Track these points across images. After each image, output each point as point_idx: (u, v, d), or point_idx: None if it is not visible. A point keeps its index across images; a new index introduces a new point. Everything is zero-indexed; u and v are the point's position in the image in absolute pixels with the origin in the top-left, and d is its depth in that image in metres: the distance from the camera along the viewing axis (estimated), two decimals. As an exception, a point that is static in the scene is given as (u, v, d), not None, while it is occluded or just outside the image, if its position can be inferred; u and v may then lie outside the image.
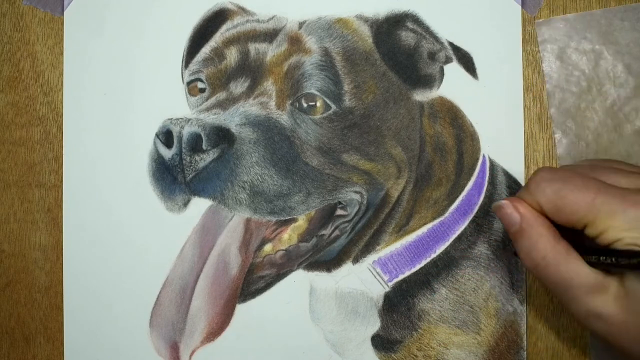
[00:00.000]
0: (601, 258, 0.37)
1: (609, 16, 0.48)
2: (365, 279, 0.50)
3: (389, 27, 0.50)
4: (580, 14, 0.48)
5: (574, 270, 0.38)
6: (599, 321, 0.37)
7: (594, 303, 0.37)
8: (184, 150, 0.46)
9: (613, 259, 0.37)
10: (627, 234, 0.36)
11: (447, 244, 0.50)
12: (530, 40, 0.50)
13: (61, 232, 0.52)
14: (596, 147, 0.48)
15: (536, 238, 0.39)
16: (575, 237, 0.39)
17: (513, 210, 0.40)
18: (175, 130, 0.46)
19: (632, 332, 0.36)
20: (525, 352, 0.49)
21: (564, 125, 0.48)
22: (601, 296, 0.37)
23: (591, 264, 0.38)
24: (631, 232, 0.36)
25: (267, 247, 0.50)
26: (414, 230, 0.50)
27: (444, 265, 0.50)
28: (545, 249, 0.39)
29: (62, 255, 0.52)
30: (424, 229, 0.50)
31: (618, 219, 0.36)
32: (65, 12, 0.52)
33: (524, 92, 0.50)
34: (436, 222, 0.50)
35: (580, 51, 0.48)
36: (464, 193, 0.50)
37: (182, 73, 0.51)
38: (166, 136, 0.47)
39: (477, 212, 0.50)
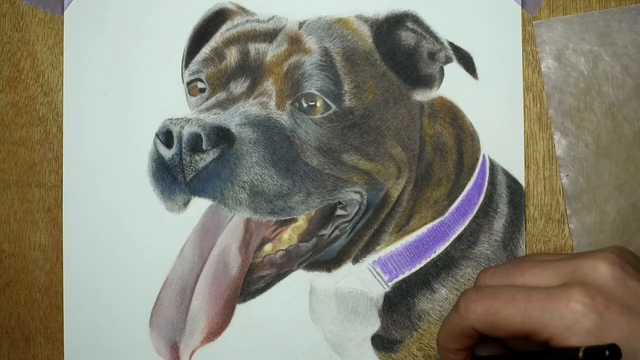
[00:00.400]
0: None
1: (607, 18, 0.48)
2: (365, 279, 0.50)
3: (389, 27, 0.50)
4: (578, 16, 0.48)
5: None
6: None
7: None
8: (184, 150, 0.46)
9: None
10: (573, 339, 0.35)
11: (447, 244, 0.50)
12: (530, 40, 0.50)
13: (61, 232, 0.52)
14: (595, 148, 0.48)
15: None
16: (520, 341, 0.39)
17: None
18: (175, 130, 0.46)
19: None
20: (525, 352, 0.49)
21: (562, 127, 0.48)
22: None
23: None
24: (574, 336, 0.35)
25: (267, 247, 0.50)
26: (414, 230, 0.50)
27: (444, 265, 0.50)
28: None
29: (62, 255, 0.52)
30: (424, 229, 0.50)
31: (556, 325, 0.35)
32: (65, 12, 0.52)
33: (524, 92, 0.50)
34: (436, 222, 0.50)
35: (578, 52, 0.48)
36: (464, 193, 0.50)
37: (182, 73, 0.51)
38: (166, 136, 0.47)
39: (477, 212, 0.50)
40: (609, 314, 0.35)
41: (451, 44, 0.49)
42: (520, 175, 0.49)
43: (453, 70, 0.50)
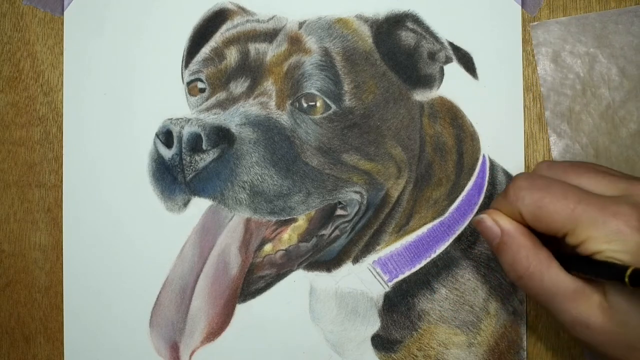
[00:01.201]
0: (582, 272, 0.37)
1: (603, 19, 0.48)
2: (365, 279, 0.50)
3: (389, 27, 0.50)
4: (575, 17, 0.48)
5: (556, 279, 0.38)
6: (585, 329, 0.37)
7: (577, 310, 0.37)
8: (184, 150, 0.46)
9: (594, 273, 0.36)
10: (607, 247, 0.35)
11: (447, 244, 0.50)
12: (530, 41, 0.50)
13: (61, 232, 0.52)
14: (591, 151, 0.48)
15: (518, 250, 0.39)
16: (556, 244, 0.39)
17: (493, 224, 0.40)
18: (175, 130, 0.46)
19: (617, 342, 0.36)
20: (525, 352, 0.49)
21: (558, 129, 0.48)
22: (585, 304, 0.37)
23: (573, 273, 0.38)
24: (611, 244, 0.35)
25: (267, 247, 0.50)
26: (414, 230, 0.50)
27: (444, 265, 0.50)
28: (528, 260, 0.39)
29: (62, 255, 0.52)
30: (424, 229, 0.50)
31: (598, 230, 0.36)
32: (65, 12, 0.52)
33: (524, 92, 0.50)
34: (436, 222, 0.50)
35: (575, 54, 0.48)
36: (464, 193, 0.50)
37: (182, 73, 0.51)
38: (166, 136, 0.47)
39: (477, 212, 0.50)
40: None
41: (451, 44, 0.49)
42: (520, 175, 0.49)
43: (453, 70, 0.50)
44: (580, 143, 0.47)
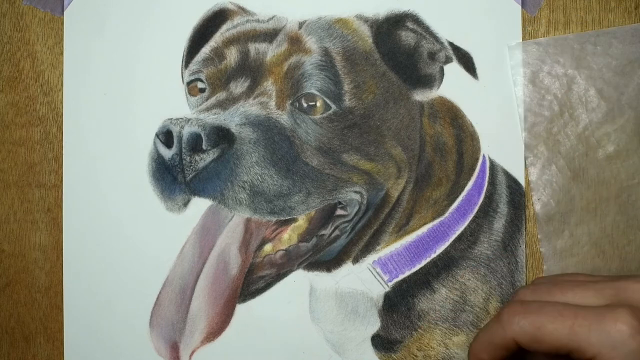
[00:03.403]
0: None
1: (581, 41, 0.48)
2: (365, 279, 0.50)
3: (389, 27, 0.50)
4: (553, 38, 0.48)
5: None
6: None
7: None
8: (184, 150, 0.46)
9: None
10: (615, 355, 0.35)
11: (447, 244, 0.50)
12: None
13: (61, 232, 0.52)
14: (568, 172, 0.48)
15: None
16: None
17: None
18: (175, 130, 0.46)
19: None
20: (525, 352, 0.49)
21: (535, 150, 0.48)
22: None
23: None
24: (620, 357, 0.35)
25: (267, 247, 0.50)
26: (414, 230, 0.50)
27: (444, 265, 0.50)
28: None
29: (62, 255, 0.52)
30: (424, 229, 0.50)
31: (601, 343, 0.36)
32: (65, 12, 0.52)
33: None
34: (436, 222, 0.50)
35: (553, 75, 0.48)
36: (464, 193, 0.50)
37: (182, 73, 0.51)
38: (166, 136, 0.47)
39: (477, 212, 0.50)
40: None
41: (451, 44, 0.49)
42: (520, 175, 0.49)
43: (453, 70, 0.50)
44: (557, 165, 0.47)
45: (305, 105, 0.48)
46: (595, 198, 0.48)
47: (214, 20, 0.51)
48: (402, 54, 0.49)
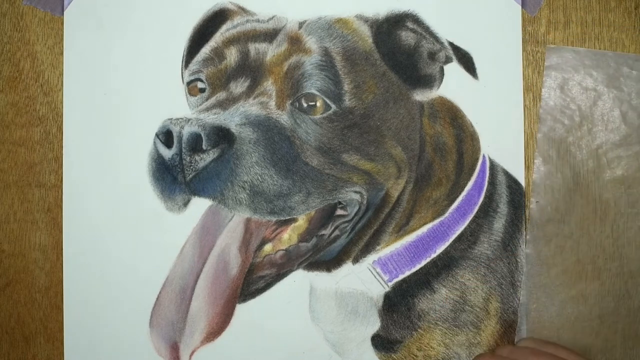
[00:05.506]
0: None
1: (619, 61, 0.48)
2: (365, 279, 0.50)
3: (389, 27, 0.50)
4: (592, 51, 0.48)
5: None
6: None
7: None
8: (184, 150, 0.46)
9: None
10: None
11: (447, 244, 0.50)
12: (530, 40, 0.50)
13: (61, 232, 0.52)
14: (571, 184, 0.48)
15: None
16: None
17: None
18: (175, 130, 0.46)
19: None
20: (525, 352, 0.49)
21: (546, 153, 0.48)
22: None
23: None
24: None
25: (267, 247, 0.50)
26: (414, 230, 0.50)
27: (444, 265, 0.50)
28: None
29: (62, 255, 0.52)
30: (424, 229, 0.50)
31: None
32: (65, 12, 0.52)
33: (524, 92, 0.50)
34: (436, 222, 0.50)
35: (582, 87, 0.48)
36: (464, 193, 0.50)
37: (182, 73, 0.51)
38: (166, 136, 0.47)
39: (477, 212, 0.50)
40: None
41: (451, 44, 0.49)
42: (520, 175, 0.49)
43: (453, 70, 0.50)
44: (563, 173, 0.47)
45: (305, 105, 0.48)
46: (591, 216, 0.48)
47: (214, 20, 0.51)
48: (402, 54, 0.49)
